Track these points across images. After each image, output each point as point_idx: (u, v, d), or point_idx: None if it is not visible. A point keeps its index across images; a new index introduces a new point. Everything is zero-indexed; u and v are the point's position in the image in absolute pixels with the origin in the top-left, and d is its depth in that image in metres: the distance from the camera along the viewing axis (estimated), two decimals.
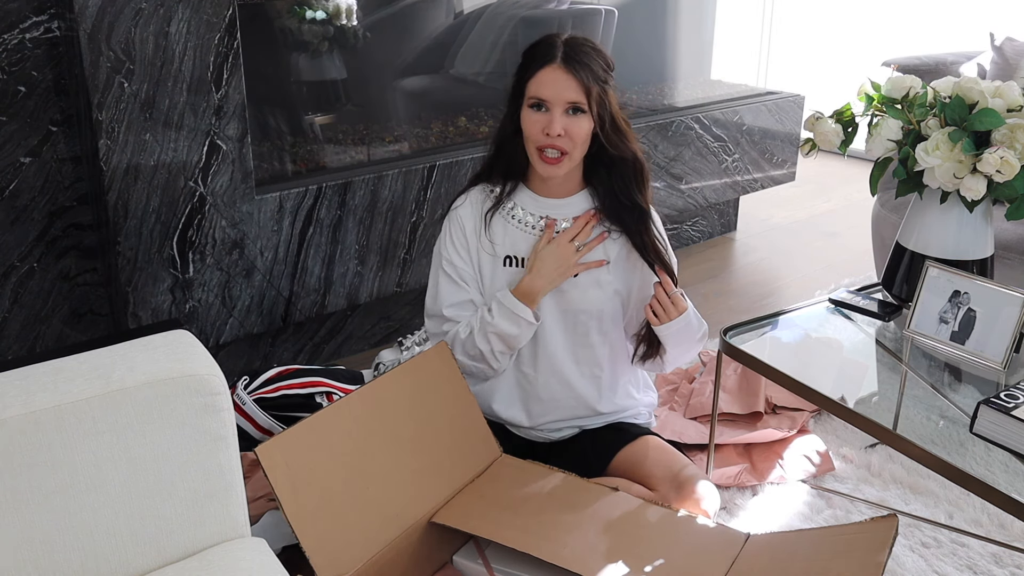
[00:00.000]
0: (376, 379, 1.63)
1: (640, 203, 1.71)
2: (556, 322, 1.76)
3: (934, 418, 1.67)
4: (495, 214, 1.75)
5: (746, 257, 3.34)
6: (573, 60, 1.60)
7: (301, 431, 1.45)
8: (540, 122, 1.62)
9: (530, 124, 1.63)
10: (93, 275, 2.17)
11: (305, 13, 2.34)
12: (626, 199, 1.70)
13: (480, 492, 1.65)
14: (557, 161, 1.64)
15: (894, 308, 1.91)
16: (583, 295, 1.75)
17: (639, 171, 1.70)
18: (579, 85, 1.60)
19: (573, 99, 1.60)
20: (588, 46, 1.64)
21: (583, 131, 1.63)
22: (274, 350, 2.43)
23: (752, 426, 2.11)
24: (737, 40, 3.62)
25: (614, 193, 1.71)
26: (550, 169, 1.65)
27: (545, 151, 1.64)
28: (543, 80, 1.61)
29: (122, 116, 1.90)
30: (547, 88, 1.61)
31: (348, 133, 2.49)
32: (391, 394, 1.62)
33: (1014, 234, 2.34)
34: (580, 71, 1.60)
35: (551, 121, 1.60)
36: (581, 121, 1.62)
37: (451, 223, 1.78)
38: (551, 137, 1.61)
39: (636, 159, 1.70)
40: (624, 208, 1.71)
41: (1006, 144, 1.68)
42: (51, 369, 1.09)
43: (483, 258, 1.77)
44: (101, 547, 1.07)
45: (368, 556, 1.46)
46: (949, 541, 1.77)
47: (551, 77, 1.60)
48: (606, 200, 1.72)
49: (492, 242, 1.75)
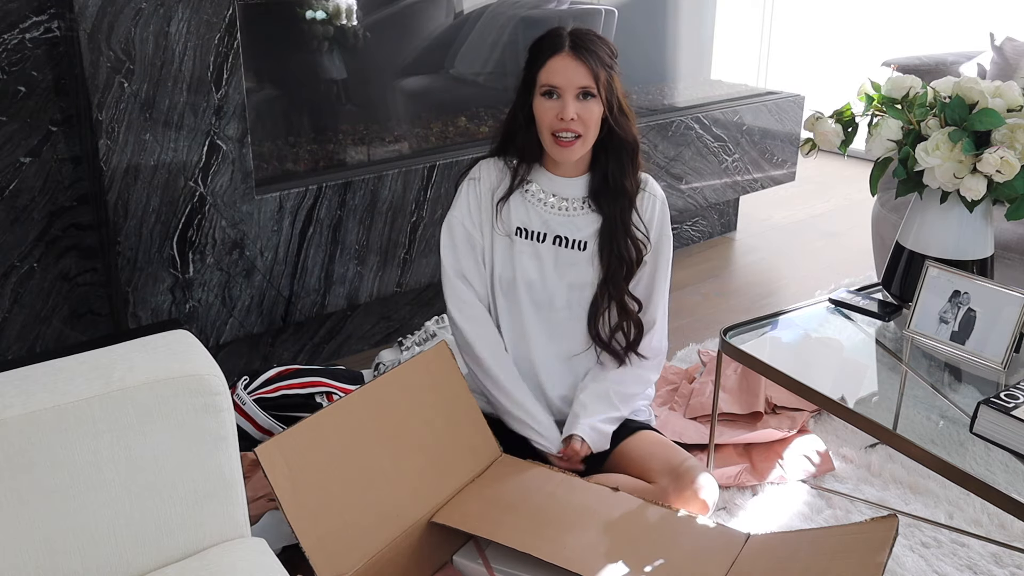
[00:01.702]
0: (376, 379, 1.63)
1: (628, 187, 1.78)
2: (541, 333, 1.84)
3: (934, 418, 1.67)
4: (514, 191, 1.81)
5: (746, 257, 3.34)
6: (581, 47, 1.68)
7: (301, 431, 1.45)
8: (553, 108, 1.69)
9: (544, 111, 1.70)
10: (93, 275, 2.17)
11: (305, 13, 2.34)
12: (617, 182, 1.78)
13: (480, 492, 1.65)
14: (571, 144, 1.71)
15: (894, 308, 1.91)
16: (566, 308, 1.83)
17: (635, 154, 1.78)
18: (588, 71, 1.67)
19: (583, 84, 1.67)
20: (593, 35, 1.72)
21: (594, 114, 1.70)
22: (274, 350, 2.43)
23: (752, 426, 2.11)
24: (737, 40, 3.63)
25: (606, 176, 1.78)
26: (565, 152, 1.72)
27: (560, 135, 1.70)
28: (554, 68, 1.68)
29: (122, 116, 1.90)
30: (558, 75, 1.68)
31: (348, 133, 2.49)
32: (391, 394, 1.62)
33: (1014, 234, 2.33)
34: (588, 57, 1.67)
35: (564, 106, 1.68)
36: (592, 105, 1.69)
37: (468, 191, 1.83)
38: (565, 121, 1.68)
39: (636, 142, 1.78)
40: (611, 191, 1.78)
41: (1006, 144, 1.68)
42: (51, 369, 1.08)
43: (495, 234, 1.82)
44: (101, 547, 1.07)
45: (368, 556, 1.46)
46: (949, 541, 1.77)
47: (561, 65, 1.68)
48: (598, 182, 1.80)
49: (506, 218, 1.81)
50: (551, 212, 1.81)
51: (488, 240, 1.82)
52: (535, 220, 1.81)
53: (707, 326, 2.71)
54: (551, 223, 1.81)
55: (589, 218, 1.81)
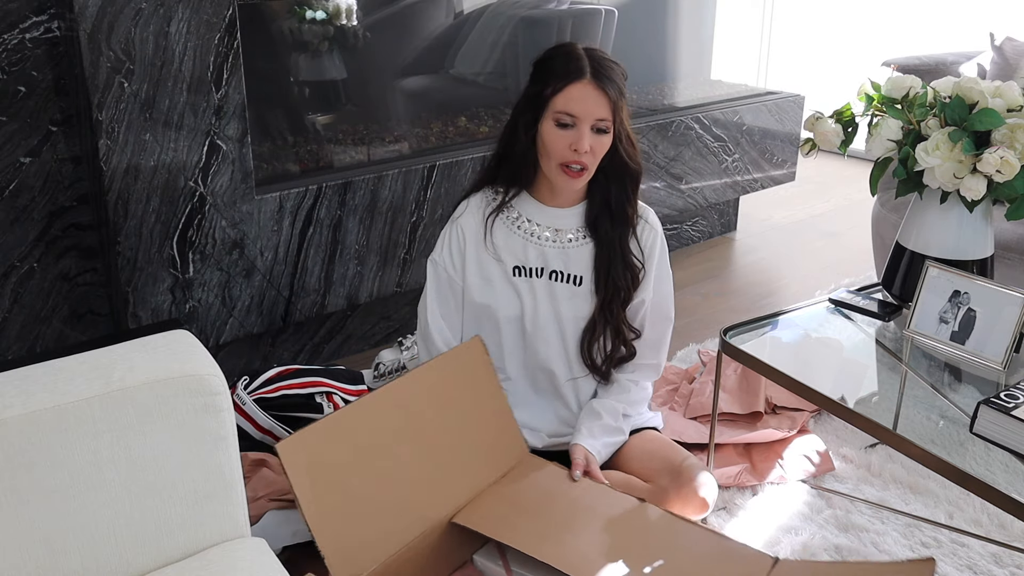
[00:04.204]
0: (405, 375, 1.59)
1: (628, 213, 1.73)
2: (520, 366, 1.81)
3: (934, 418, 1.67)
4: (496, 218, 1.75)
5: (746, 257, 3.34)
6: (602, 76, 1.59)
7: (324, 427, 1.42)
8: (567, 138, 1.61)
9: (555, 140, 1.62)
10: (93, 275, 2.17)
11: (305, 13, 2.34)
12: (618, 207, 1.72)
13: (503, 493, 1.61)
14: (579, 175, 1.64)
15: (894, 308, 1.91)
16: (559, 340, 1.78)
17: (637, 181, 1.72)
18: (608, 102, 1.59)
19: (602, 116, 1.60)
20: (609, 59, 1.64)
21: (605, 147, 1.64)
22: (274, 350, 2.43)
23: (752, 426, 2.11)
24: (737, 40, 3.63)
25: (608, 201, 1.72)
26: (572, 183, 1.66)
27: (570, 165, 1.63)
28: (573, 96, 1.59)
29: (122, 116, 1.90)
30: (577, 105, 1.59)
31: (348, 133, 2.49)
32: (419, 390, 1.58)
33: (1014, 234, 2.34)
34: (609, 87, 1.59)
35: (580, 138, 1.60)
36: (604, 139, 1.63)
37: (451, 235, 1.77)
38: (578, 153, 1.60)
39: (640, 170, 1.72)
40: (613, 216, 1.72)
41: (1006, 144, 1.68)
42: (51, 369, 1.09)
43: (489, 266, 1.76)
44: (101, 547, 1.07)
45: (386, 556, 1.44)
46: (949, 541, 1.76)
47: (581, 94, 1.59)
48: (597, 208, 1.73)
49: (495, 246, 1.75)
50: (546, 245, 1.74)
51: (474, 277, 1.76)
52: (532, 255, 1.74)
53: (707, 326, 2.70)
54: (548, 256, 1.74)
55: (583, 250, 1.75)
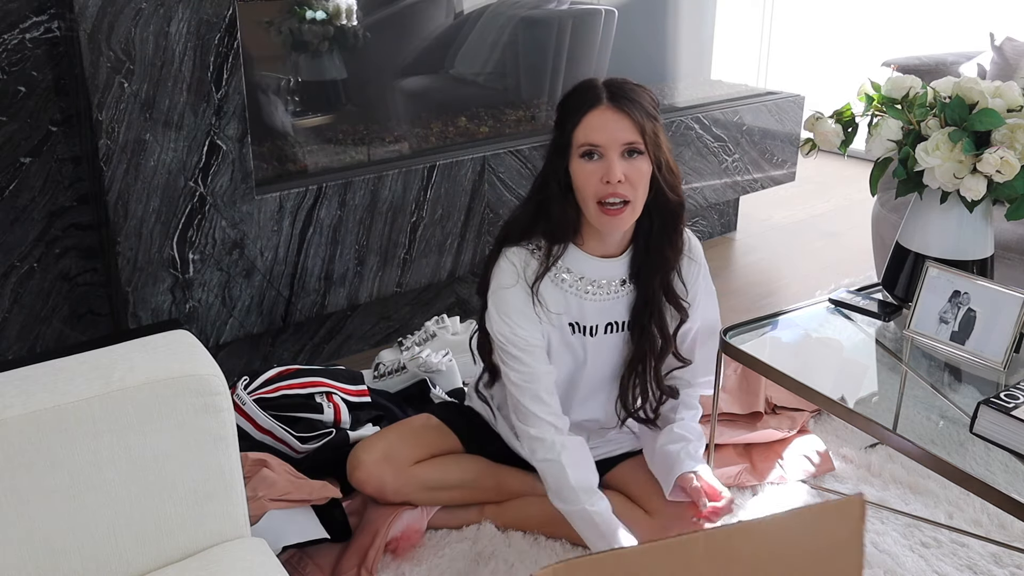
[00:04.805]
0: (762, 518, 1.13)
1: (669, 256, 1.59)
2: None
3: (934, 418, 1.67)
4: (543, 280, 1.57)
5: (746, 257, 3.34)
6: (620, 98, 1.47)
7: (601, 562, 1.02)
8: (597, 171, 1.47)
9: (585, 176, 1.48)
10: (93, 275, 2.17)
11: (305, 13, 2.35)
12: (657, 249, 1.58)
13: None
14: (620, 212, 1.49)
15: (894, 308, 1.91)
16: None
17: (678, 217, 1.58)
18: (632, 123, 1.46)
19: (629, 139, 1.47)
20: (630, 83, 1.52)
21: (643, 174, 1.49)
22: (274, 350, 2.43)
23: (752, 426, 2.11)
24: (737, 40, 3.63)
25: (648, 245, 1.58)
26: (615, 222, 1.50)
27: (607, 202, 1.48)
28: (592, 124, 1.47)
29: (122, 116, 1.90)
30: (598, 132, 1.47)
31: (348, 133, 2.49)
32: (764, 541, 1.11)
33: (1014, 234, 2.34)
34: (631, 108, 1.47)
35: (610, 167, 1.46)
36: (640, 164, 1.48)
37: (497, 307, 1.58)
38: (612, 184, 1.46)
39: (683, 203, 1.57)
40: (651, 262, 1.59)
41: (1006, 144, 1.68)
42: (51, 369, 1.09)
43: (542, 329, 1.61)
44: (101, 547, 1.07)
45: None
46: (949, 541, 1.77)
47: (601, 120, 1.47)
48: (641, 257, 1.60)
49: (547, 309, 1.58)
50: (599, 300, 1.60)
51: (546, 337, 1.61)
52: (589, 314, 1.60)
53: None
54: (605, 311, 1.61)
55: (630, 299, 1.63)
